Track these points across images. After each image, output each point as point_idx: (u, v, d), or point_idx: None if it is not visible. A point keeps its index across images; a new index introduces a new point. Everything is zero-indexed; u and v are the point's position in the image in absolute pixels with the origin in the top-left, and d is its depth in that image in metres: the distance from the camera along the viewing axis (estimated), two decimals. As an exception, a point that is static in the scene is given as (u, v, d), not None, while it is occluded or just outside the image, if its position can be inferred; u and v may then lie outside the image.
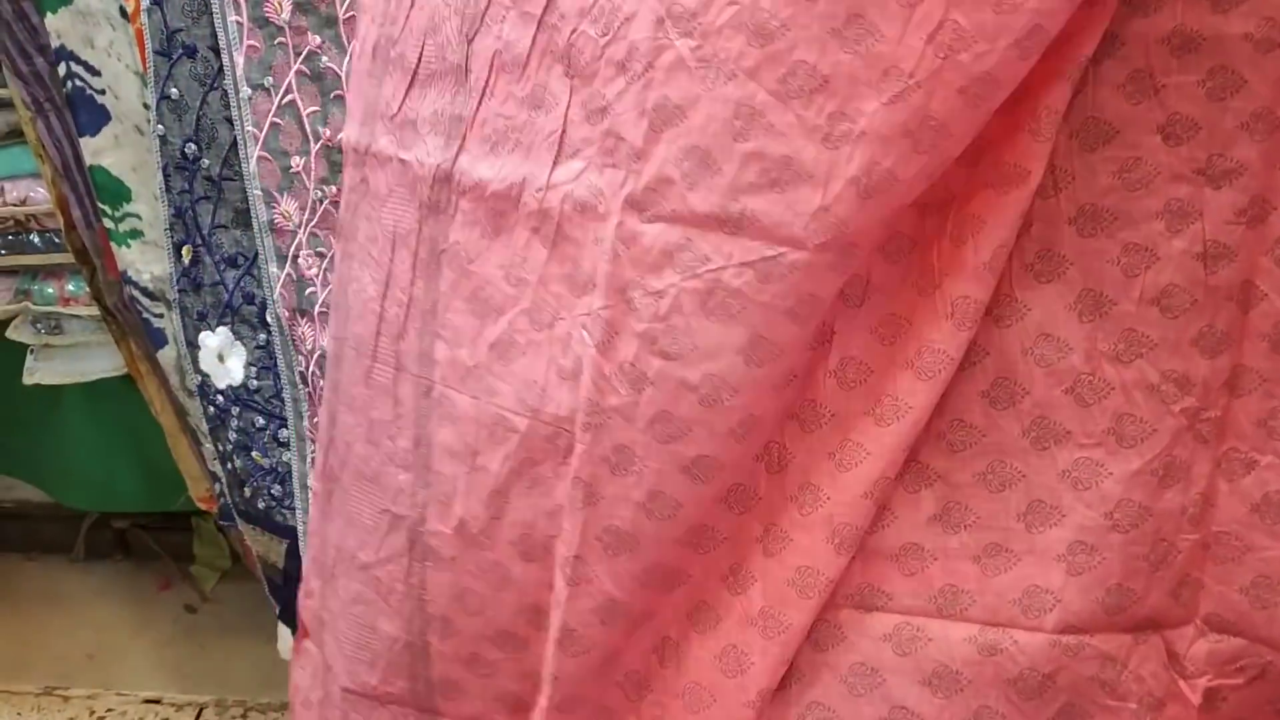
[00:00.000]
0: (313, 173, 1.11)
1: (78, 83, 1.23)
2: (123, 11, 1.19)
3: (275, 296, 1.17)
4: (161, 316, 1.31)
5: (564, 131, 0.85)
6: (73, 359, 1.59)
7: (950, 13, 0.71)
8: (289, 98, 1.10)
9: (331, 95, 1.08)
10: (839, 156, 0.75)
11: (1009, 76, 0.73)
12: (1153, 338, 0.82)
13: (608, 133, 0.83)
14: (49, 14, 1.21)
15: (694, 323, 0.81)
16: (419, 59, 0.91)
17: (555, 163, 0.86)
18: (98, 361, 1.58)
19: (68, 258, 1.45)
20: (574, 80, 0.84)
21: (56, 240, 1.45)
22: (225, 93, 1.14)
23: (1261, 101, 0.79)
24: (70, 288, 1.50)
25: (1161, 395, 0.83)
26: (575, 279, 0.86)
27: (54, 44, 1.22)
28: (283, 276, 1.16)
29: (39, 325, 1.57)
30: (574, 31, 0.83)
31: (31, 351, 1.60)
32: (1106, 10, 0.76)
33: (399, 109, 0.93)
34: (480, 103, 0.88)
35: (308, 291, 1.15)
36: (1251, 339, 0.83)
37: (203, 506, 1.56)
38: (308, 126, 1.10)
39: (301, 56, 1.08)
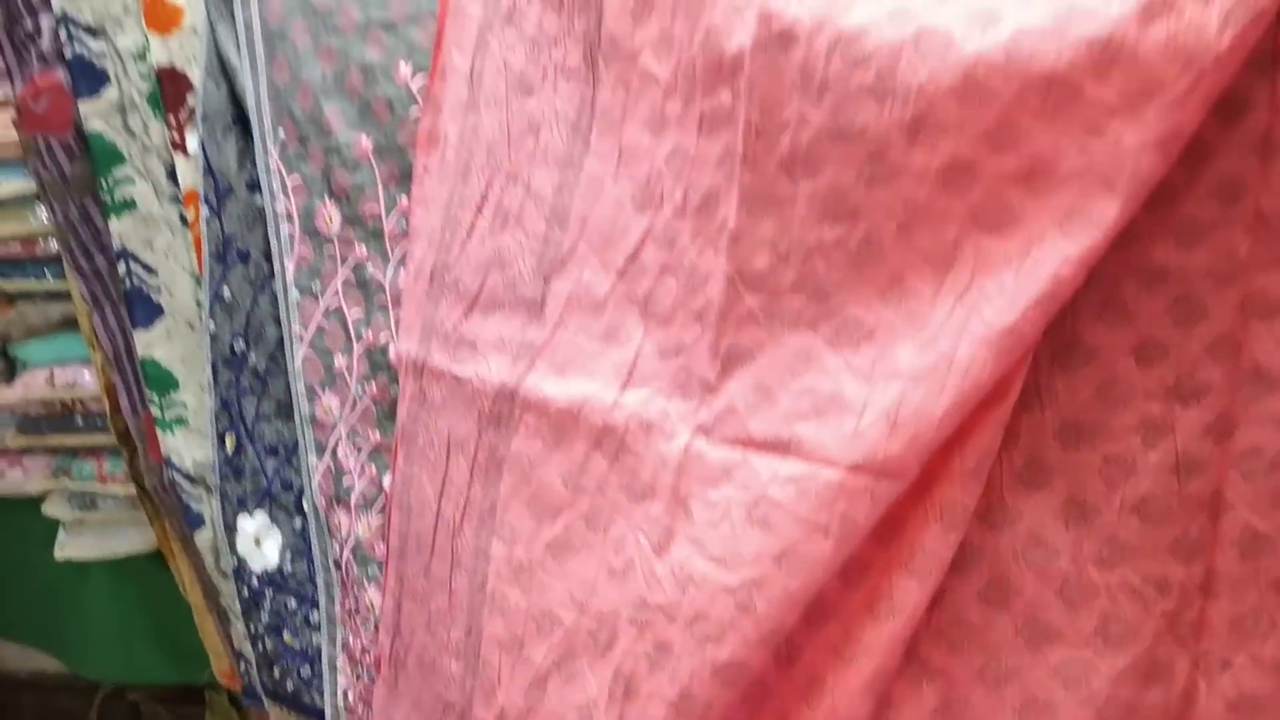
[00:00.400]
0: (354, 372, 1.20)
1: (135, 280, 1.33)
2: (183, 219, 1.30)
3: (314, 485, 1.24)
4: (200, 500, 1.38)
5: (635, 363, 0.96)
6: (104, 535, 1.65)
7: (976, 277, 0.82)
8: (335, 303, 1.20)
9: (375, 302, 1.18)
10: (875, 391, 0.85)
11: (1030, 331, 0.82)
12: (1133, 544, 0.89)
13: (681, 368, 0.94)
14: (113, 217, 1.32)
15: (739, 530, 0.89)
16: (480, 288, 1.03)
17: (624, 388, 0.96)
18: (128, 538, 1.64)
19: (109, 439, 1.52)
20: (649, 323, 0.96)
21: (99, 423, 1.53)
22: (275, 295, 1.23)
23: (1222, 327, 0.87)
24: (108, 467, 1.58)
25: (1143, 598, 0.89)
26: (633, 488, 0.95)
27: (116, 245, 1.32)
28: (321, 467, 1.23)
29: (74, 501, 1.64)
30: (655, 283, 0.96)
31: (63, 526, 1.66)
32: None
33: (454, 329, 1.04)
34: (554, 333, 1.00)
35: (344, 482, 1.23)
36: (1222, 546, 0.89)
37: (225, 683, 1.59)
38: (351, 330, 1.19)
39: (348, 265, 1.18)
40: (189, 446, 1.38)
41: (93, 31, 1.25)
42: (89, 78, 1.26)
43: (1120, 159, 0.80)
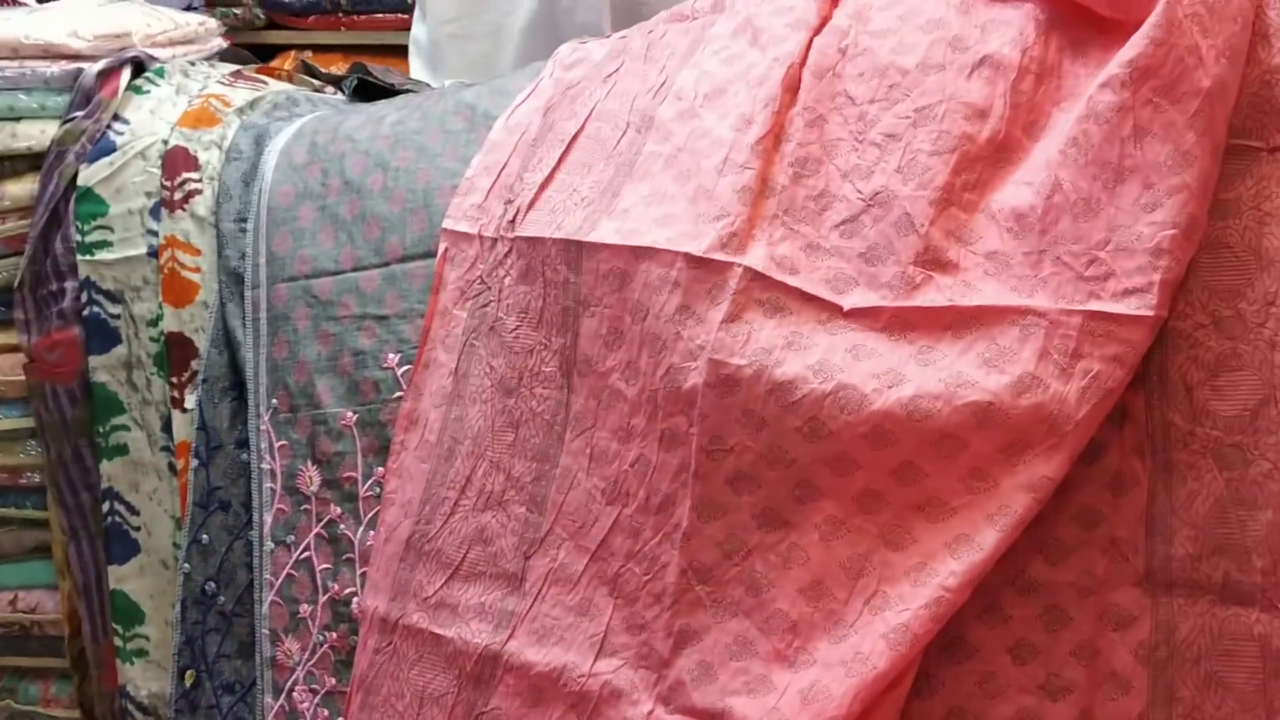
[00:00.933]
0: (318, 619, 1.31)
1: (117, 519, 1.44)
2: (171, 467, 1.42)
3: (267, 723, 1.33)
4: (151, 731, 1.45)
5: (605, 636, 1.12)
6: (36, 756, 1.69)
7: (881, 585, 1.02)
8: (306, 555, 1.32)
9: (343, 557, 1.30)
10: (795, 675, 1.04)
11: (922, 632, 1.00)
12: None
13: (644, 643, 1.11)
14: (104, 460, 1.43)
15: None
16: (463, 559, 1.19)
17: (597, 657, 1.12)
18: (60, 762, 1.68)
19: (59, 663, 1.59)
20: (617, 600, 1.13)
21: (51, 646, 1.60)
22: (250, 543, 1.35)
23: (1085, 635, 1.04)
24: (54, 690, 1.63)
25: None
26: None
27: (103, 485, 1.44)
28: (275, 706, 1.33)
29: (10, 721, 1.68)
30: (622, 566, 1.13)
31: (-3, 747, 1.70)
32: None
33: (434, 593, 1.19)
34: (533, 605, 1.16)
35: (298, 722, 1.32)
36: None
37: None
38: (319, 580, 1.31)
39: (323, 522, 1.31)
40: (146, 678, 1.45)
41: (112, 297, 1.41)
42: (102, 336, 1.41)
43: (998, 498, 0.99)
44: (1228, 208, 1.02)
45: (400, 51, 2.19)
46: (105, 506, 1.44)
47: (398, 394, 1.28)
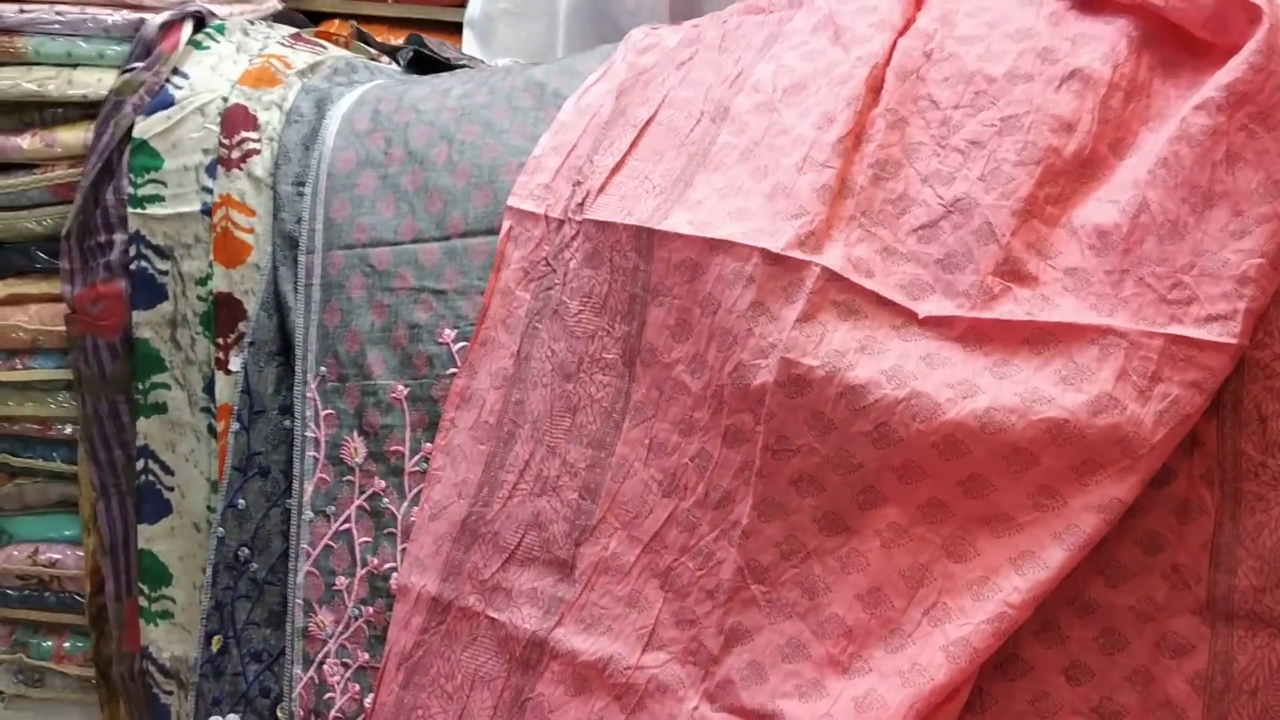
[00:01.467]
0: (354, 592, 1.30)
1: (150, 478, 1.42)
2: (210, 429, 1.40)
3: (294, 695, 1.31)
4: (170, 694, 1.43)
5: (654, 629, 1.11)
6: (44, 713, 1.67)
7: (942, 596, 0.99)
8: (346, 526, 1.30)
9: (385, 531, 1.29)
10: (849, 682, 1.01)
11: (982, 647, 0.98)
12: None
13: (693, 639, 1.09)
14: (142, 418, 1.42)
15: None
16: (519, 544, 1.18)
17: (644, 650, 1.11)
18: (69, 719, 1.66)
19: (75, 619, 1.57)
20: (668, 594, 1.11)
21: (69, 602, 1.58)
22: (287, 511, 1.34)
23: (1141, 660, 1.03)
24: (67, 645, 1.61)
25: None
26: None
27: (139, 443, 1.42)
28: (305, 679, 1.31)
29: (21, 676, 1.66)
30: (675, 560, 1.11)
31: (2, 699, 1.68)
32: None
33: (490, 576, 1.18)
34: (582, 593, 1.14)
35: (326, 696, 1.30)
36: None
37: None
38: (358, 554, 1.30)
39: (365, 495, 1.30)
40: (169, 640, 1.44)
41: (161, 253, 1.39)
42: (149, 292, 1.39)
43: (1067, 517, 0.98)
44: (1315, 239, 1.01)
45: (446, 27, 2.17)
46: (140, 465, 1.42)
47: (451, 370, 1.26)
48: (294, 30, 1.65)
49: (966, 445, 1.00)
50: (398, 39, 1.97)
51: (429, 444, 1.26)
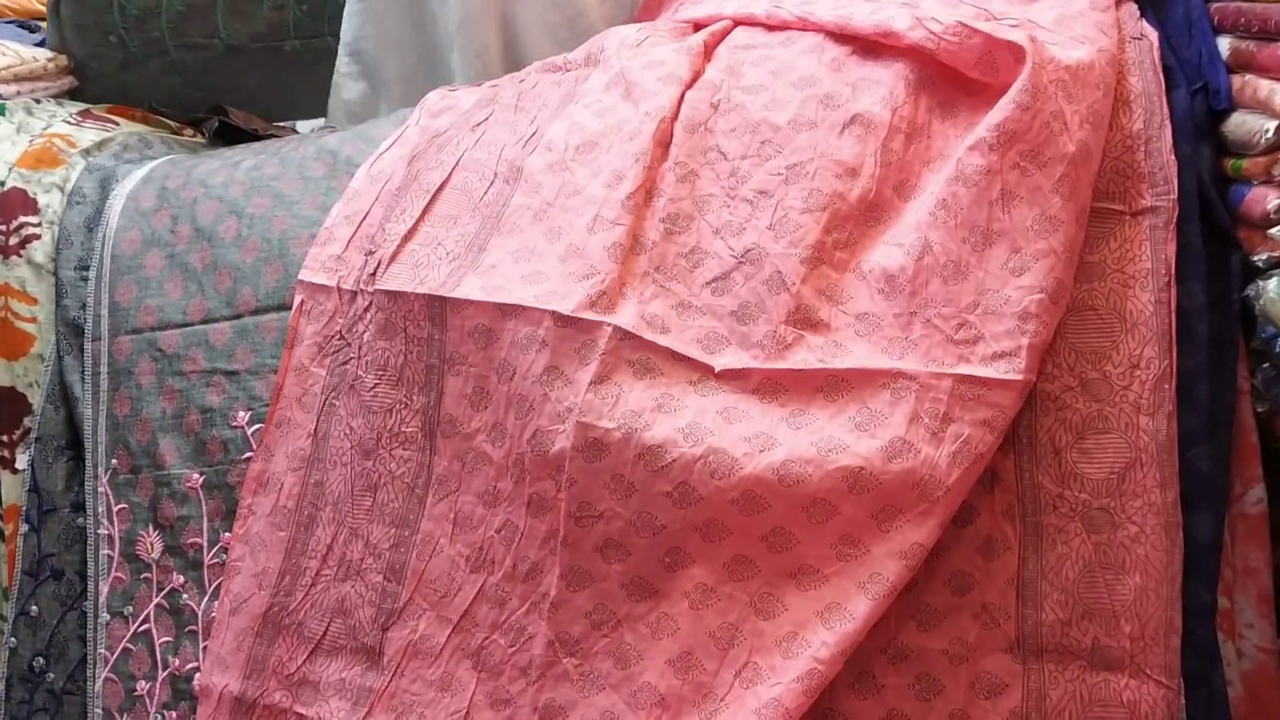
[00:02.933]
0: (156, 697, 1.22)
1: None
2: (0, 534, 1.32)
3: (96, 815, 1.23)
4: (-33, 822, 1.32)
5: (468, 713, 1.07)
6: None
7: (752, 655, 0.99)
8: (145, 627, 1.23)
9: (186, 629, 1.22)
10: None
11: (795, 705, 0.97)
12: None
13: (508, 718, 1.05)
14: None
15: None
16: (324, 633, 1.13)
17: None
18: None
19: None
20: (481, 674, 1.07)
21: None
22: (84, 614, 1.26)
23: (957, 704, 1.02)
24: None
25: None
26: None
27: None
28: (109, 793, 1.23)
29: None
30: (487, 638, 1.07)
31: None
32: None
33: (296, 670, 1.12)
34: (391, 680, 1.09)
35: (129, 813, 1.22)
36: None
37: None
38: (159, 655, 1.22)
39: (164, 592, 1.23)
40: (-37, 766, 1.33)
41: (-65, 351, 1.30)
42: (-77, 391, 1.30)
43: (870, 565, 0.97)
44: (1092, 270, 1.03)
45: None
46: (-75, 583, 1.33)
47: (247, 455, 1.20)
48: (83, 107, 1.58)
49: (766, 499, 0.99)
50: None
51: (227, 534, 1.20)
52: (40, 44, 1.78)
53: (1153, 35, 1.10)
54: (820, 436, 0.99)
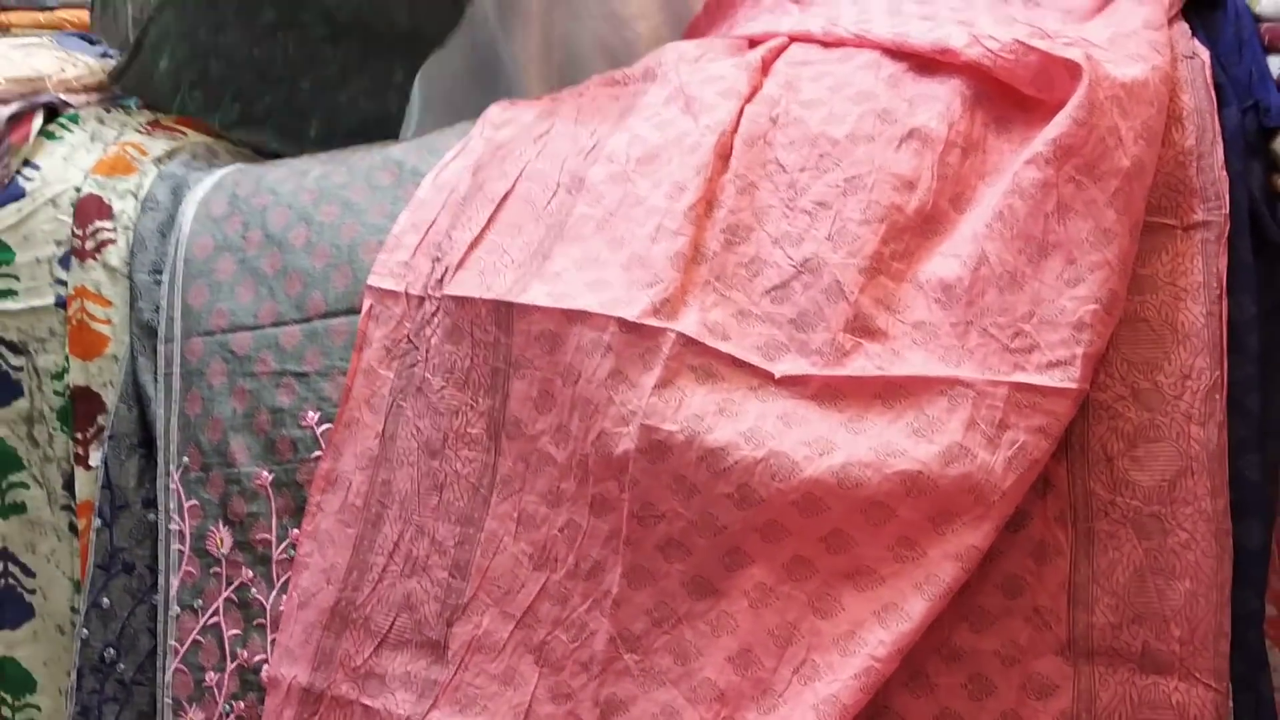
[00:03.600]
0: (224, 688, 1.26)
1: (11, 580, 1.37)
2: (72, 527, 1.36)
3: (167, 802, 1.27)
4: (39, 809, 1.37)
5: (530, 706, 1.09)
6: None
7: (810, 653, 1.01)
8: (214, 620, 1.27)
9: (254, 623, 1.25)
10: None
11: (852, 702, 1.00)
12: None
13: (570, 713, 1.09)
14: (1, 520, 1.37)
15: None
16: (390, 627, 1.16)
17: None
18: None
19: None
20: (542, 668, 1.10)
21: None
22: (154, 607, 1.30)
23: (1009, 704, 1.05)
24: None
25: None
26: None
27: (-3, 545, 1.37)
28: (177, 781, 1.27)
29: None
30: (549, 634, 1.10)
31: None
32: None
33: (363, 663, 1.16)
34: (456, 674, 1.13)
35: (200, 799, 1.26)
36: None
37: None
38: (228, 647, 1.26)
39: (233, 586, 1.27)
40: (36, 750, 1.38)
41: (15, 349, 1.35)
42: (3, 389, 1.35)
43: (926, 567, 1.00)
44: (1145, 283, 1.05)
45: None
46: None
47: (316, 454, 1.24)
48: (153, 116, 1.63)
49: (825, 501, 1.02)
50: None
51: (296, 530, 1.24)
52: (104, 55, 1.84)
53: (1204, 54, 1.13)
54: (878, 441, 1.02)
